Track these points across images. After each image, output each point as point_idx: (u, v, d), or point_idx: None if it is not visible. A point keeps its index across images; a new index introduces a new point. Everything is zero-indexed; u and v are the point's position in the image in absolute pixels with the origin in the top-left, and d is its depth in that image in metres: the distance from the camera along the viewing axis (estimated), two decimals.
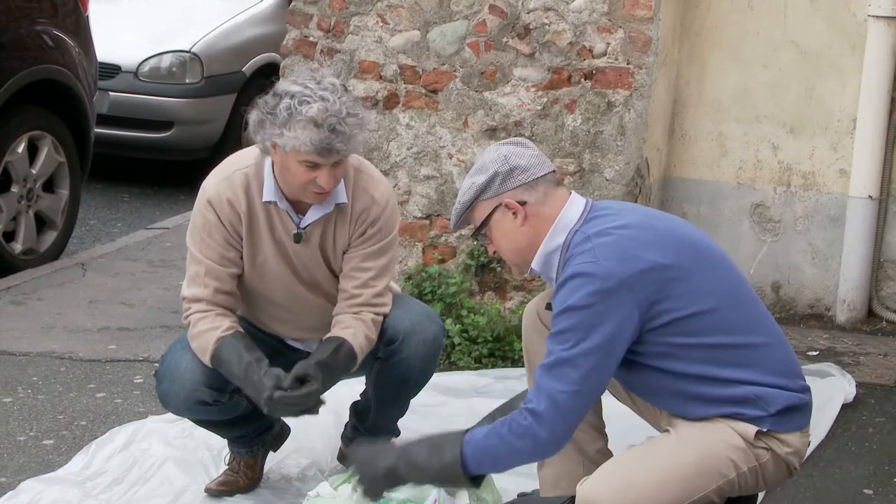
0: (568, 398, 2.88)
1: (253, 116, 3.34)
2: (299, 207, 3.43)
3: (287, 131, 3.24)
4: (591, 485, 2.92)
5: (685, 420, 3.00)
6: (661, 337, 2.93)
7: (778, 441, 2.98)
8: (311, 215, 3.43)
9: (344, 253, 3.48)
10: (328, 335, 3.44)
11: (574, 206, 3.03)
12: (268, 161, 3.41)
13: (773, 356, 3.00)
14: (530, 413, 2.89)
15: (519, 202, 3.01)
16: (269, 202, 3.41)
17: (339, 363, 3.38)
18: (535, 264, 3.05)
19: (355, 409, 3.73)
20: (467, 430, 2.98)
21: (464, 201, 3.05)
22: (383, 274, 3.50)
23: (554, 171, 3.08)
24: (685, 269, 2.94)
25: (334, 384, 3.42)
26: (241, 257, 3.46)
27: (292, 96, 3.26)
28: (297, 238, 3.44)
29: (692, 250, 3.00)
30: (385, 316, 3.49)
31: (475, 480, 2.99)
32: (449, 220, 5.00)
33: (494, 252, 3.13)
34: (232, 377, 3.36)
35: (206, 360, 3.37)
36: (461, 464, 2.92)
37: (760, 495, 3.28)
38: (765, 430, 2.95)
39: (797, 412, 3.01)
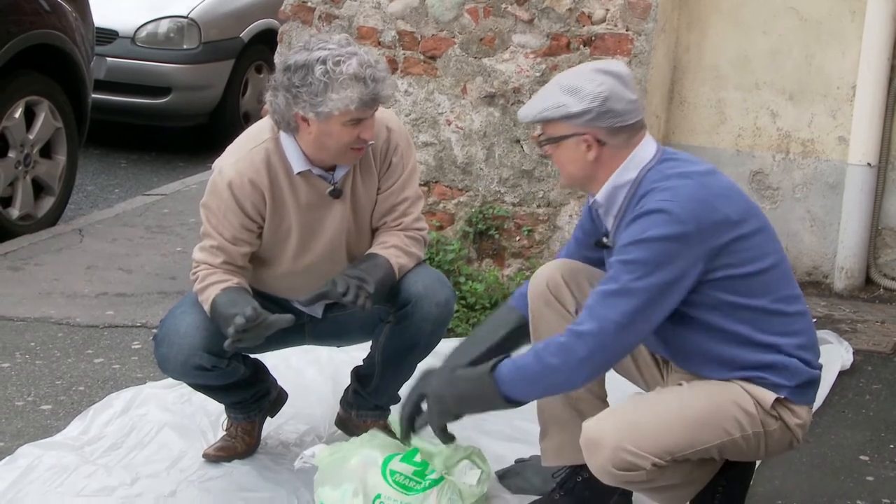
0: (616, 328, 2.87)
1: (279, 97, 3.30)
2: (326, 168, 3.44)
3: (332, 94, 3.24)
4: (596, 423, 2.95)
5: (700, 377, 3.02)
6: (714, 291, 2.93)
7: (790, 411, 3.00)
8: (341, 168, 3.44)
9: (377, 194, 3.50)
10: None
11: (648, 144, 3.04)
12: (284, 135, 3.39)
13: (806, 327, 3.04)
14: (572, 332, 2.89)
15: (598, 140, 2.99)
16: (302, 172, 3.40)
17: (363, 270, 3.39)
18: (599, 196, 3.03)
19: (357, 373, 3.73)
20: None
21: (546, 115, 2.99)
22: (417, 200, 3.55)
23: (642, 118, 3.05)
24: (748, 227, 2.97)
25: (371, 289, 3.36)
26: (259, 236, 3.45)
27: (323, 61, 3.25)
28: (337, 194, 3.44)
29: (752, 212, 3.02)
30: (424, 238, 3.54)
31: (512, 403, 2.98)
32: (447, 186, 5.03)
33: (548, 155, 3.12)
34: (220, 315, 3.33)
35: (207, 307, 3.37)
36: (494, 381, 2.93)
37: (756, 463, 3.30)
38: (782, 397, 2.97)
39: (812, 387, 3.04)
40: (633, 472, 2.89)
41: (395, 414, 3.63)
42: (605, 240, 3.12)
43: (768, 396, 2.97)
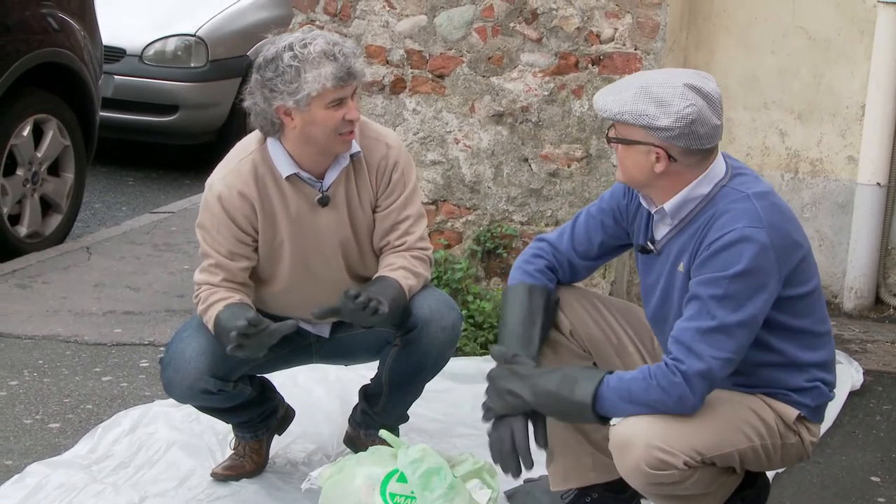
0: (721, 366, 2.88)
1: (256, 97, 3.32)
2: (316, 174, 3.43)
3: (306, 75, 3.25)
4: (625, 424, 2.92)
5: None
6: (771, 310, 2.94)
7: (806, 429, 3.05)
8: (331, 175, 3.43)
9: (374, 212, 3.49)
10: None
11: (720, 159, 3.01)
12: (271, 142, 3.40)
13: (831, 346, 3.08)
14: (682, 374, 2.87)
15: (670, 156, 2.94)
16: (290, 175, 3.40)
17: (378, 290, 3.35)
18: (668, 206, 3.00)
19: (365, 392, 3.72)
20: (609, 372, 2.96)
21: (625, 119, 2.92)
22: (420, 219, 3.53)
23: (718, 143, 3.00)
24: (806, 248, 2.99)
25: (383, 311, 3.30)
26: (255, 250, 3.45)
27: (290, 47, 3.28)
28: (324, 201, 3.43)
29: (804, 231, 3.04)
30: (430, 258, 3.52)
31: (603, 419, 2.96)
32: (455, 205, 5.02)
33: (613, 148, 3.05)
34: (219, 333, 3.32)
35: (211, 326, 3.36)
36: (592, 404, 2.91)
37: (770, 476, 3.34)
38: (802, 414, 3.02)
39: (825, 407, 3.10)
40: (666, 472, 2.89)
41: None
42: (650, 245, 3.09)
43: (791, 412, 3.01)
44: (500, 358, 3.08)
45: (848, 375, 4.44)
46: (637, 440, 2.89)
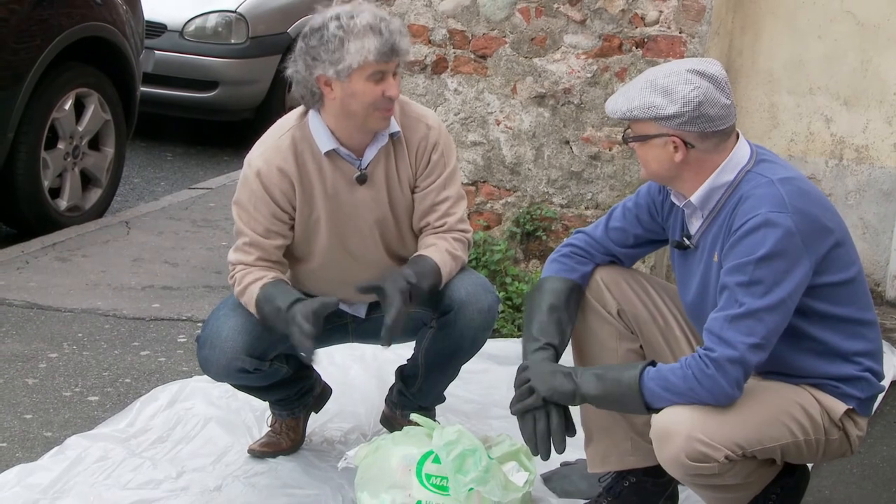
0: (751, 351, 2.86)
1: (298, 65, 3.31)
2: (355, 152, 3.42)
3: (350, 46, 3.24)
4: (667, 414, 2.91)
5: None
6: (807, 299, 2.92)
7: (853, 423, 3.01)
8: (370, 153, 3.42)
9: (413, 193, 3.48)
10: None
11: (743, 145, 3.00)
12: (311, 116, 3.38)
13: (877, 336, 3.06)
14: (714, 363, 2.86)
15: (686, 143, 2.95)
16: (329, 151, 3.39)
17: (416, 271, 3.34)
18: (694, 198, 3.00)
19: (402, 373, 3.71)
20: (650, 363, 2.97)
21: (635, 115, 2.96)
22: (459, 200, 3.51)
23: (734, 123, 3.00)
24: (840, 235, 2.96)
25: (420, 291, 3.31)
26: (291, 228, 3.44)
27: (337, 17, 3.27)
28: (363, 179, 3.42)
29: (839, 219, 3.01)
30: (469, 240, 3.51)
31: (651, 409, 2.96)
32: (495, 186, 5.00)
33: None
34: (268, 315, 3.33)
35: (252, 308, 3.36)
36: (639, 387, 2.91)
37: (810, 466, 3.30)
38: (850, 408, 2.98)
39: (875, 400, 3.07)
40: (705, 465, 2.88)
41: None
42: (686, 241, 3.08)
43: (838, 407, 2.97)
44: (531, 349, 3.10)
45: (890, 365, 4.39)
46: (678, 431, 2.87)
